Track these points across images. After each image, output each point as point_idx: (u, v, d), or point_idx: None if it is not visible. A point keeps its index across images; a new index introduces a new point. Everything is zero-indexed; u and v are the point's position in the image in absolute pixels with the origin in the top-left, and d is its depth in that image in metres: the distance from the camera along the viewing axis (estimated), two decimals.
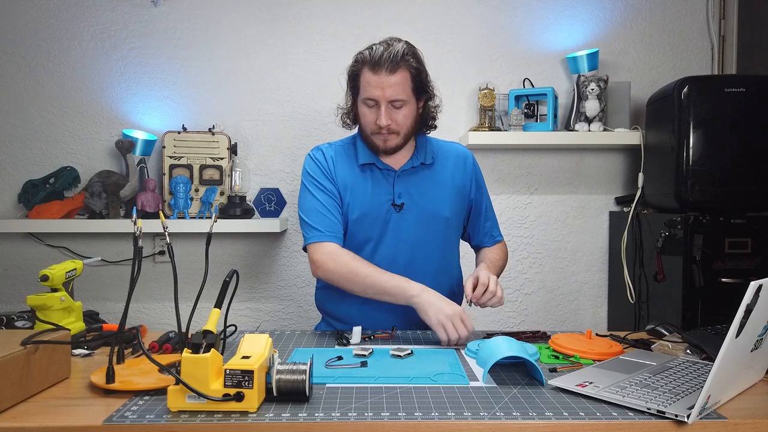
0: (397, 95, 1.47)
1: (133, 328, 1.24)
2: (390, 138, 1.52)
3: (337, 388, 1.03)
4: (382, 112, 1.47)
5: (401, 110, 1.49)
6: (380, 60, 1.45)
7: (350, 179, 1.57)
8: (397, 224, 1.55)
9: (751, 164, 1.92)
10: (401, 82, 1.47)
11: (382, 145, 1.53)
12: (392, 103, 1.48)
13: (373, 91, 1.47)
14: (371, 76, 1.46)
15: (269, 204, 2.31)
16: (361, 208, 1.55)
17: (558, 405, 0.95)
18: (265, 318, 2.44)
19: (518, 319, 2.48)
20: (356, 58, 1.52)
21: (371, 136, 1.53)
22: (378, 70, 1.45)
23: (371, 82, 1.47)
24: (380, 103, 1.48)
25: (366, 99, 1.49)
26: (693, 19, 2.43)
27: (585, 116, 2.25)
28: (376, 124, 1.49)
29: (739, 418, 0.91)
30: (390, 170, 1.57)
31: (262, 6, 2.38)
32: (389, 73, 1.45)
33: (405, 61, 1.46)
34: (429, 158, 1.60)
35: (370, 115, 1.51)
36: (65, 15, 2.35)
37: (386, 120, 1.48)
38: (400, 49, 1.46)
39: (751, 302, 0.86)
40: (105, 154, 2.37)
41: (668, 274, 1.96)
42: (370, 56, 1.47)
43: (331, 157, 1.59)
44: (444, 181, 1.61)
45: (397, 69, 1.45)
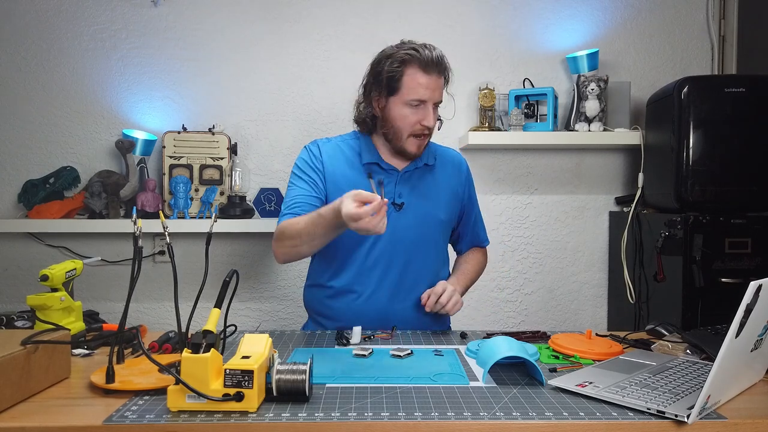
0: (440, 98, 1.53)
1: (133, 328, 1.24)
2: (425, 141, 1.56)
3: (337, 388, 1.03)
4: (431, 113, 1.50)
5: (436, 113, 1.54)
6: (432, 62, 1.47)
7: (350, 177, 1.57)
8: (395, 224, 1.55)
9: (751, 164, 1.92)
10: (442, 87, 1.53)
11: (416, 150, 1.55)
12: (435, 105, 1.52)
13: (424, 92, 1.48)
14: (423, 77, 1.47)
15: (269, 204, 2.31)
16: None
17: (558, 405, 0.95)
18: (265, 318, 2.44)
19: (518, 319, 2.48)
20: (398, 57, 1.48)
21: (408, 138, 1.53)
22: (431, 72, 1.47)
23: (423, 83, 1.47)
24: (428, 104, 1.50)
25: (413, 100, 1.49)
26: (693, 19, 2.43)
27: (585, 116, 2.25)
28: (420, 125, 1.51)
29: (739, 418, 0.91)
30: (393, 170, 1.59)
31: (262, 6, 2.38)
32: (439, 76, 1.49)
33: (447, 67, 1.52)
34: (431, 159, 1.63)
35: (413, 116, 1.50)
36: (65, 15, 2.35)
37: (434, 121, 1.51)
38: (442, 55, 1.50)
39: (751, 302, 0.86)
40: (105, 154, 2.37)
41: (668, 274, 1.96)
42: (420, 56, 1.46)
43: (328, 153, 1.60)
44: (442, 184, 1.64)
45: (443, 72, 1.51)
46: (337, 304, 1.59)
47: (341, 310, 1.59)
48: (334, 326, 1.58)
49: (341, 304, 1.58)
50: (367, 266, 1.56)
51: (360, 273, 1.57)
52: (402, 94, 1.49)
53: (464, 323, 2.41)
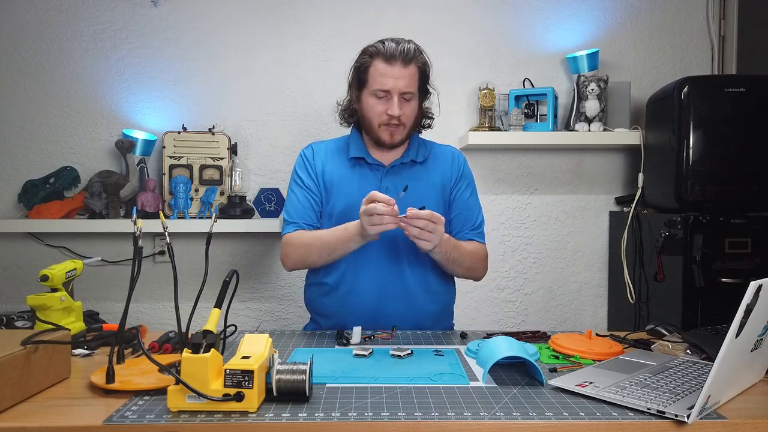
0: (408, 87, 1.53)
1: (133, 328, 1.24)
2: (397, 131, 1.57)
3: (337, 388, 1.03)
4: (395, 102, 1.53)
5: (410, 104, 1.56)
6: (395, 52, 1.51)
7: (338, 174, 1.61)
8: None
9: (751, 164, 1.92)
10: (412, 76, 1.54)
11: (389, 139, 1.58)
12: (403, 95, 1.53)
13: (387, 81, 1.52)
14: (385, 67, 1.52)
15: (269, 204, 2.31)
16: (347, 200, 1.58)
17: (558, 405, 0.95)
18: (265, 318, 2.44)
19: (518, 319, 2.48)
20: (366, 50, 1.58)
21: (378, 128, 1.57)
22: (392, 62, 1.51)
23: (385, 72, 1.52)
24: (393, 94, 1.53)
25: (377, 90, 1.54)
26: (693, 19, 2.43)
27: (585, 116, 2.25)
28: (386, 115, 1.54)
29: (739, 418, 0.91)
30: (379, 165, 1.62)
31: (263, 6, 2.38)
32: (403, 65, 1.52)
33: (416, 58, 1.54)
34: (420, 156, 1.64)
35: (379, 106, 1.55)
36: (65, 15, 2.35)
37: (399, 110, 1.52)
38: (412, 47, 1.54)
39: (751, 302, 0.86)
40: (105, 154, 2.37)
41: (668, 274, 1.96)
42: (383, 48, 1.53)
43: (321, 154, 1.65)
44: (432, 179, 1.64)
45: (410, 63, 1.53)
46: (329, 300, 1.61)
47: (333, 306, 1.61)
48: (330, 324, 1.61)
49: (333, 301, 1.60)
50: (359, 262, 1.58)
51: (352, 269, 1.58)
52: (369, 85, 1.55)
53: (464, 323, 2.41)
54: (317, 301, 1.65)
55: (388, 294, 1.57)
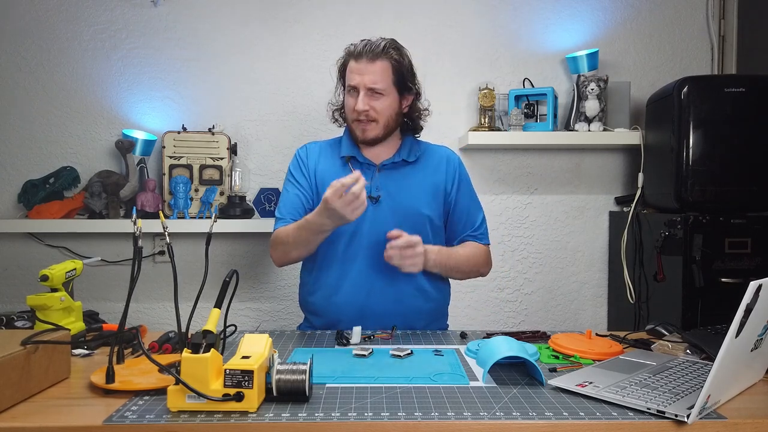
0: (375, 83, 1.54)
1: (133, 328, 1.24)
2: (369, 127, 1.57)
3: (337, 388, 1.03)
4: (360, 97, 1.54)
5: (380, 100, 1.56)
6: (362, 49, 1.54)
7: (330, 172, 1.62)
8: (373, 217, 1.58)
9: (751, 164, 1.92)
10: (381, 71, 1.54)
11: (361, 135, 1.59)
12: (371, 90, 1.54)
13: (354, 77, 1.55)
14: (353, 64, 1.56)
15: (269, 204, 2.31)
16: None
17: (558, 405, 0.95)
18: (265, 318, 2.44)
19: (518, 319, 2.48)
20: (344, 51, 1.62)
21: (352, 124, 1.60)
22: (359, 58, 1.54)
23: (353, 69, 1.56)
24: (359, 89, 1.54)
25: (348, 86, 1.58)
26: (693, 19, 2.43)
27: (585, 116, 2.25)
28: (355, 111, 1.56)
29: (739, 418, 0.91)
30: (371, 164, 1.63)
31: (263, 6, 2.38)
32: (369, 61, 1.54)
33: (385, 53, 1.55)
34: (412, 156, 1.64)
35: (351, 102, 1.58)
36: (65, 15, 2.35)
37: (363, 105, 1.54)
38: (382, 42, 1.56)
39: (751, 302, 0.86)
40: (105, 154, 2.37)
41: (668, 274, 1.96)
42: (353, 47, 1.57)
43: (315, 153, 1.67)
44: (425, 179, 1.64)
45: (377, 58, 1.54)
46: (318, 299, 1.62)
47: (322, 305, 1.61)
48: (321, 323, 1.62)
49: (321, 299, 1.61)
50: (347, 260, 1.59)
51: (340, 267, 1.59)
52: (345, 83, 1.61)
53: (464, 323, 2.41)
54: (307, 300, 1.66)
55: (377, 293, 1.57)
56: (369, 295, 1.57)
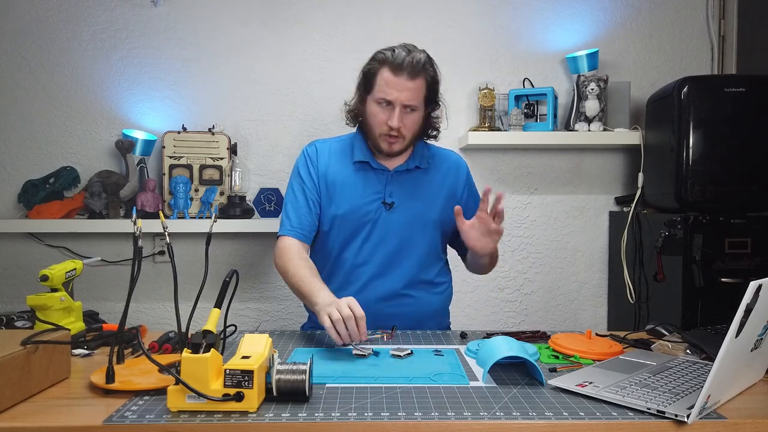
0: (411, 101, 1.50)
1: (132, 328, 1.24)
2: (396, 141, 1.55)
3: (337, 388, 1.03)
4: (396, 114, 1.50)
5: (411, 116, 1.53)
6: (403, 63, 1.47)
7: (342, 176, 1.60)
8: (386, 222, 1.58)
9: (751, 164, 1.92)
10: (418, 89, 1.50)
11: (387, 148, 1.56)
12: (405, 108, 1.50)
13: (390, 92, 1.49)
14: (391, 77, 1.49)
15: (269, 204, 2.31)
16: (350, 203, 1.58)
17: (558, 405, 0.95)
18: (265, 318, 2.44)
19: (518, 319, 2.48)
20: (375, 57, 1.54)
21: (378, 137, 1.55)
22: (399, 73, 1.48)
23: (390, 83, 1.49)
24: (395, 105, 1.50)
25: (380, 99, 1.51)
26: (693, 19, 2.43)
27: (585, 116, 2.25)
28: (386, 125, 1.52)
29: (739, 418, 0.91)
30: (384, 170, 1.61)
31: (263, 6, 2.38)
32: (409, 78, 1.48)
33: (425, 70, 1.50)
34: (424, 163, 1.63)
35: (381, 115, 1.52)
36: (65, 15, 2.35)
37: (398, 122, 1.50)
38: (422, 58, 1.50)
39: (751, 302, 0.86)
40: (105, 154, 2.37)
41: (668, 274, 1.96)
42: (392, 57, 1.49)
43: (324, 154, 1.63)
44: (436, 185, 1.64)
45: (417, 76, 1.49)
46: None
47: None
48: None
49: None
50: (358, 264, 1.58)
51: (351, 271, 1.59)
52: (374, 92, 1.53)
53: (464, 323, 2.41)
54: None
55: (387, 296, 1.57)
56: (379, 299, 1.56)
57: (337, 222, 1.59)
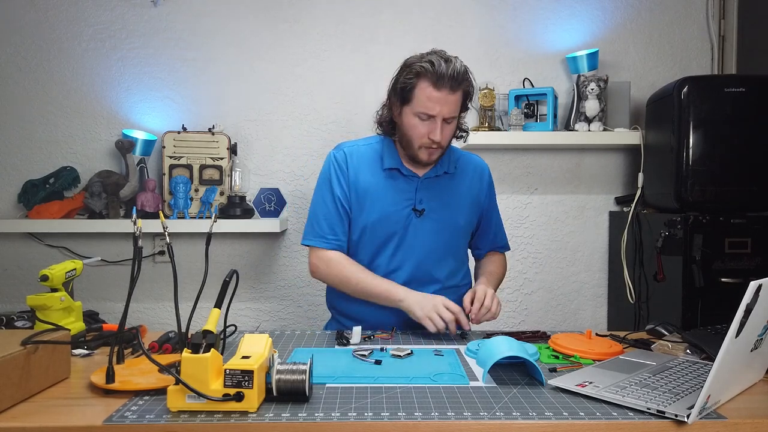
0: (452, 113, 1.49)
1: (132, 328, 1.24)
2: (436, 152, 1.54)
3: (337, 388, 1.03)
4: (438, 128, 1.47)
5: (450, 126, 1.52)
6: (445, 77, 1.44)
7: (372, 183, 1.57)
8: (416, 229, 1.57)
9: (751, 164, 1.92)
10: (458, 101, 1.49)
11: (427, 159, 1.54)
12: (445, 120, 1.49)
13: (433, 107, 1.46)
14: (433, 92, 1.45)
15: (269, 204, 2.31)
16: (381, 210, 1.56)
17: (558, 405, 0.95)
18: (265, 318, 2.44)
19: (518, 319, 2.48)
20: (414, 69, 1.47)
21: (418, 149, 1.52)
22: (441, 87, 1.44)
23: (432, 97, 1.45)
24: (437, 119, 1.47)
25: (421, 113, 1.47)
26: (693, 19, 2.43)
27: (585, 116, 2.25)
28: (428, 138, 1.49)
29: (739, 418, 0.91)
30: (413, 176, 1.58)
31: (263, 6, 2.38)
32: (451, 92, 1.45)
33: (465, 82, 1.48)
34: (452, 168, 1.62)
35: (422, 128, 1.49)
36: (65, 15, 2.35)
37: (441, 136, 1.48)
38: (461, 68, 1.47)
39: (751, 302, 0.86)
40: (105, 154, 2.37)
41: (668, 274, 1.96)
42: (432, 69, 1.44)
43: (354, 160, 1.59)
44: (462, 191, 1.64)
45: (458, 88, 1.47)
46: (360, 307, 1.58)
47: (364, 312, 1.58)
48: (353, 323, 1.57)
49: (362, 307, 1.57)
50: (391, 270, 1.57)
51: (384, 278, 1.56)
52: (413, 105, 1.48)
53: None
54: (348, 307, 1.63)
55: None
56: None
57: (368, 230, 1.57)
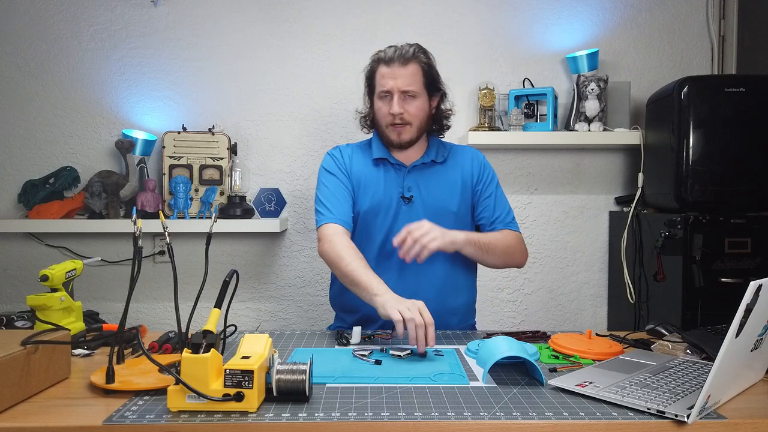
0: (408, 86, 1.56)
1: (133, 328, 1.24)
2: (404, 130, 1.60)
3: (337, 388, 1.03)
4: (395, 100, 1.56)
5: (413, 102, 1.58)
6: (393, 54, 1.57)
7: (364, 174, 1.65)
8: (406, 217, 1.60)
9: (750, 164, 1.92)
10: (413, 74, 1.57)
11: (397, 138, 1.61)
12: (405, 93, 1.57)
13: (387, 82, 1.57)
14: (385, 69, 1.58)
15: (269, 204, 2.31)
16: (372, 199, 1.62)
17: (558, 405, 0.95)
18: (265, 318, 2.44)
19: (518, 319, 2.48)
20: (372, 58, 1.63)
21: (386, 129, 1.61)
22: (391, 63, 1.57)
23: (385, 74, 1.58)
24: (393, 93, 1.57)
25: (381, 92, 1.59)
26: (693, 19, 2.43)
27: (585, 116, 2.25)
28: (390, 115, 1.58)
29: (739, 418, 0.91)
30: (401, 165, 1.65)
31: (262, 6, 2.38)
32: (401, 65, 1.56)
33: (416, 57, 1.58)
34: (440, 157, 1.67)
35: (384, 107, 1.60)
36: (65, 15, 2.35)
37: (399, 108, 1.56)
38: (412, 47, 1.59)
39: (751, 302, 0.86)
40: (105, 154, 2.37)
41: (668, 274, 1.96)
42: (383, 53, 1.59)
43: (348, 154, 1.69)
44: (454, 178, 1.67)
45: (409, 62, 1.57)
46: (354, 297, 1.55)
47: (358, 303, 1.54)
48: (354, 320, 1.63)
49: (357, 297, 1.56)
50: (382, 259, 1.61)
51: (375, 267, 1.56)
52: (376, 89, 1.62)
53: None
54: (342, 297, 1.66)
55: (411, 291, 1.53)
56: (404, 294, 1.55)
57: (361, 218, 1.63)
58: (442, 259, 1.60)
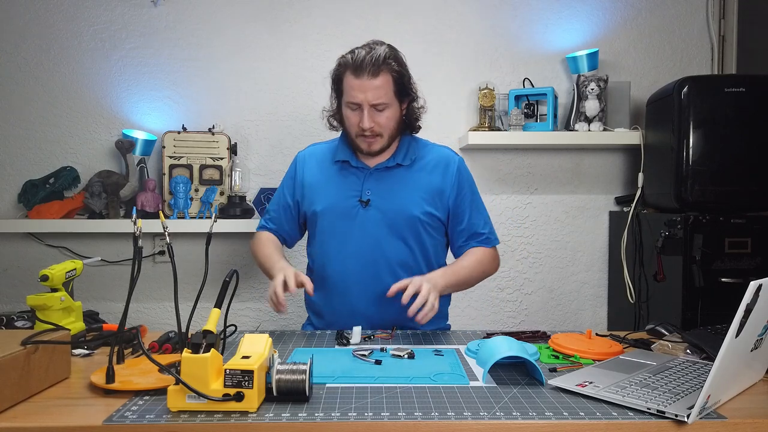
0: (379, 99, 1.50)
1: (133, 328, 1.24)
2: (374, 141, 1.56)
3: (337, 388, 1.03)
4: (365, 115, 1.51)
5: (384, 113, 1.53)
6: (362, 64, 1.48)
7: (321, 176, 1.64)
8: (363, 220, 1.58)
9: (751, 164, 1.92)
10: (383, 86, 1.50)
11: (367, 148, 1.58)
12: (375, 107, 1.51)
13: (356, 95, 1.50)
14: (354, 80, 1.50)
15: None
16: (326, 201, 1.61)
17: (558, 405, 0.95)
18: (265, 318, 2.44)
19: (518, 319, 2.48)
20: (339, 61, 1.55)
21: (356, 138, 1.57)
22: (360, 74, 1.49)
23: (354, 86, 1.50)
24: (363, 107, 1.51)
25: (349, 103, 1.53)
26: (693, 19, 2.43)
27: (585, 116, 2.25)
28: (359, 127, 1.53)
29: (739, 417, 0.91)
30: (363, 168, 1.62)
31: (262, 6, 2.38)
32: (371, 77, 1.48)
33: (387, 65, 1.50)
34: (407, 160, 1.62)
35: (353, 117, 1.55)
36: (65, 15, 2.35)
37: (369, 123, 1.51)
38: (382, 53, 1.49)
39: (751, 302, 0.86)
40: (105, 154, 2.37)
41: (668, 274, 1.96)
42: (352, 60, 1.50)
43: (311, 159, 1.69)
44: (419, 182, 1.61)
45: (379, 73, 1.49)
46: (317, 299, 1.63)
47: (321, 305, 1.63)
48: (321, 324, 1.65)
49: (320, 300, 1.63)
50: (340, 262, 1.59)
51: (334, 270, 1.60)
52: (344, 96, 1.55)
53: (464, 323, 2.41)
54: (310, 300, 1.68)
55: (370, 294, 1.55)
56: (362, 297, 1.57)
57: (318, 219, 1.62)
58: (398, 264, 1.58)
